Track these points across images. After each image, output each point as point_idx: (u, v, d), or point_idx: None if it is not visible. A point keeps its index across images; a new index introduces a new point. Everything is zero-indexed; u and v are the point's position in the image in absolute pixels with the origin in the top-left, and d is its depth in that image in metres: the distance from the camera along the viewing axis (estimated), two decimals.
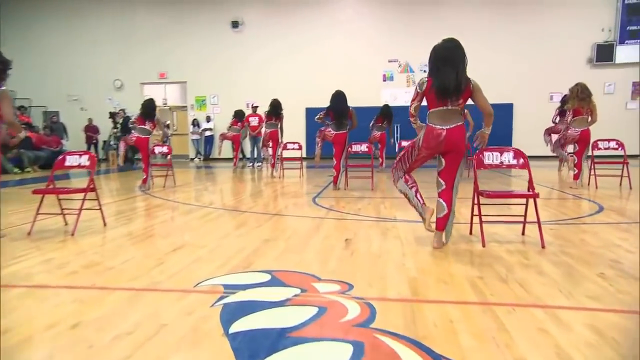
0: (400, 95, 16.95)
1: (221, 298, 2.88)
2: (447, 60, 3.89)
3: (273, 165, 11.18)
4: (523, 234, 4.53)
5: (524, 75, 15.70)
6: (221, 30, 18.24)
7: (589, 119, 7.83)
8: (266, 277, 3.30)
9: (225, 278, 3.30)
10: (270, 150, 11.40)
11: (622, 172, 8.09)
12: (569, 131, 7.98)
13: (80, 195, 4.94)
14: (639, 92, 15.47)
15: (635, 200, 6.89)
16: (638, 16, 15.25)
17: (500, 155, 4.38)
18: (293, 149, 11.36)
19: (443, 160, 4.08)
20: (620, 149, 8.19)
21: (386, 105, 11.53)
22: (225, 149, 15.40)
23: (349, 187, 8.47)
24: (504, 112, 14.94)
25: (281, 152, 11.15)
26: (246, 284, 3.15)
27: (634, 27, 15.33)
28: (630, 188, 7.80)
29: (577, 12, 15.46)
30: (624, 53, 15.36)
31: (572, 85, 7.84)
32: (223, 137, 13.30)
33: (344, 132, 8.18)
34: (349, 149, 8.46)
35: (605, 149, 8.28)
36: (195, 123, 18.32)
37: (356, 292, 2.95)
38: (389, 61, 17.30)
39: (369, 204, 6.79)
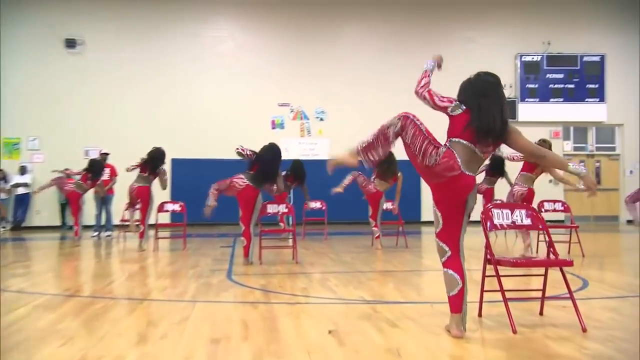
0: (293, 146, 14.90)
1: None
2: (490, 97, 3.36)
3: (142, 235, 8.77)
4: (541, 314, 3.87)
5: (429, 126, 15.40)
6: (50, 50, 14.60)
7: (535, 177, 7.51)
8: None
9: None
10: (137, 214, 9.05)
11: (571, 237, 7.72)
12: (516, 187, 7.55)
13: None
14: None
15: (613, 269, 6.53)
16: (535, 74, 15.87)
17: (512, 214, 3.73)
18: (173, 210, 9.65)
19: (441, 216, 3.38)
20: (566, 212, 8.12)
21: (297, 162, 10.15)
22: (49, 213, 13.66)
23: (264, 260, 7.12)
24: (410, 165, 14.45)
25: (157, 217, 9.22)
26: None
27: (532, 85, 15.93)
28: (583, 256, 7.33)
29: (482, 65, 15.67)
30: (526, 110, 15.84)
31: None
32: (60, 184, 10.49)
33: (258, 189, 6.97)
34: (264, 210, 7.28)
35: (553, 210, 8.02)
36: (2, 176, 13.91)
37: None
38: (280, 105, 15.45)
39: (310, 281, 5.82)
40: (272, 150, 7.11)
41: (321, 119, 15.52)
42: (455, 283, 3.32)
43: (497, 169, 9.37)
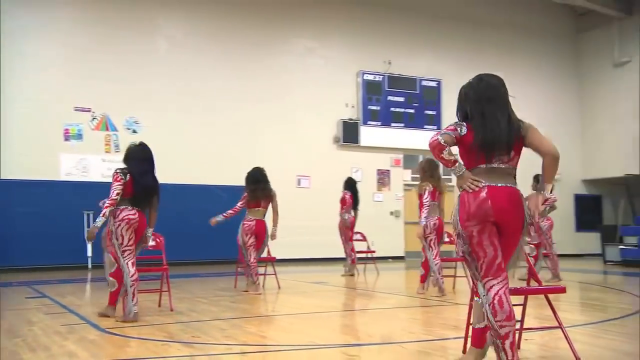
0: (94, 164, 12.19)
1: None
2: (494, 102, 3.18)
3: None
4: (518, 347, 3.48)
5: (266, 151, 13.44)
6: None
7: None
8: None
9: None
10: None
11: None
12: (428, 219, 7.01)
13: None
14: (383, 183, 14.63)
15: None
16: (377, 95, 15.36)
17: None
18: None
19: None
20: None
21: None
22: None
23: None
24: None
25: None
26: None
27: (374, 107, 15.38)
28: None
29: (322, 79, 14.81)
30: (368, 134, 15.15)
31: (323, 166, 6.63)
32: None
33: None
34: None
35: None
36: None
37: None
38: (76, 109, 12.27)
39: (225, 328, 5.12)
40: (139, 149, 5.42)
41: (134, 131, 12.53)
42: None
43: None
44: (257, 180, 7.38)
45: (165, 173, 8.31)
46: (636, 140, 15.70)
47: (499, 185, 3.06)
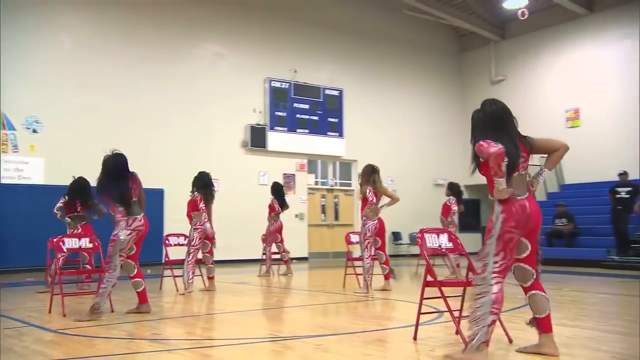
0: None
1: None
2: (505, 127, 3.63)
3: None
4: (457, 333, 4.08)
5: (175, 155, 13.29)
6: None
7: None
8: None
9: None
10: None
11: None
12: (369, 222, 7.48)
13: None
14: (289, 187, 15.09)
15: None
16: (284, 101, 15.65)
17: (438, 238, 4.38)
18: None
19: (527, 242, 3.70)
20: None
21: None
22: None
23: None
24: (155, 197, 12.50)
25: None
26: None
27: (281, 113, 15.62)
28: None
29: (230, 84, 14.86)
30: (275, 139, 15.40)
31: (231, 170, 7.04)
32: None
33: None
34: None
35: None
36: None
37: None
38: None
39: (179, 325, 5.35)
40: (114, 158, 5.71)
41: (34, 131, 11.79)
42: (545, 304, 3.66)
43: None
44: (206, 184, 7.75)
45: (72, 173, 8.17)
46: None
47: (527, 195, 3.58)
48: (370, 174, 7.58)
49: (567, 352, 3.76)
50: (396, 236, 17.17)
